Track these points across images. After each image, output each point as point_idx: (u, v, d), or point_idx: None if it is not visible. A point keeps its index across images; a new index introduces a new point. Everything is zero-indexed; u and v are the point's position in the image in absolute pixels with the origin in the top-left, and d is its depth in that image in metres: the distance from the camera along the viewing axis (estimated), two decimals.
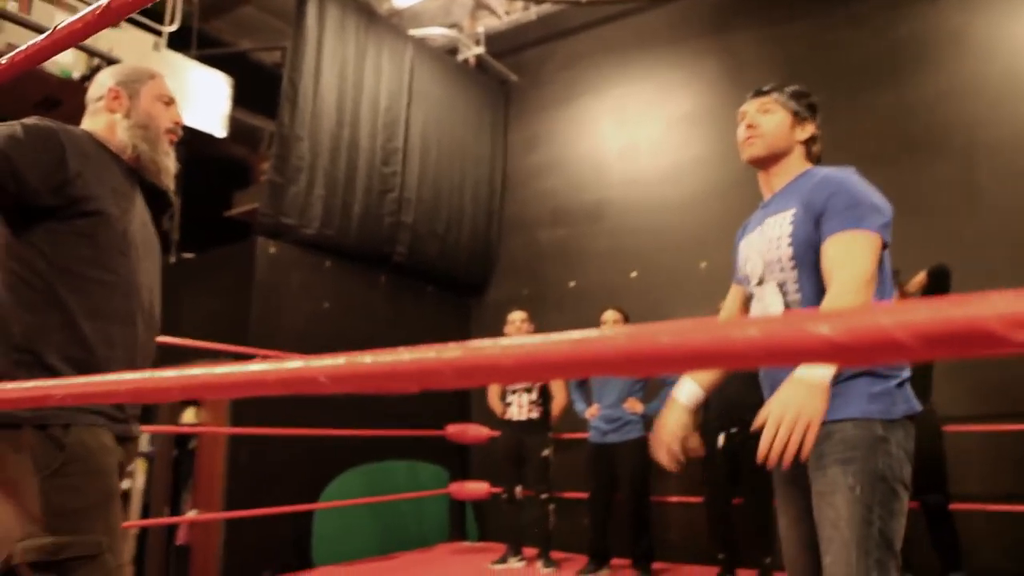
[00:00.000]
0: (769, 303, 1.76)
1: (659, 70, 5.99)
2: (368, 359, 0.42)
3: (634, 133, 6.02)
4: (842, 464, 1.56)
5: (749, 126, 1.82)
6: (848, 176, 1.69)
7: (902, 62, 4.91)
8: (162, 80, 1.84)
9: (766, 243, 1.76)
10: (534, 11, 6.60)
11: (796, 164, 1.81)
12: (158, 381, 0.51)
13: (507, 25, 6.79)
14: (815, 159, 1.84)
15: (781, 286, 1.73)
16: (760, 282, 1.79)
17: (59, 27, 0.93)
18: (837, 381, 1.58)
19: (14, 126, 1.52)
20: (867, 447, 1.55)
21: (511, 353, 0.39)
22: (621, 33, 6.24)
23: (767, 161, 1.82)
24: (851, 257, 1.57)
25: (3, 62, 0.94)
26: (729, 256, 2.02)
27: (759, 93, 1.86)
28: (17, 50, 0.96)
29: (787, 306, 1.72)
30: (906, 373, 1.66)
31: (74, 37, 0.96)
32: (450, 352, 0.41)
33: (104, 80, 1.78)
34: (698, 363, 0.38)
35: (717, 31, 5.75)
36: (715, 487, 4.19)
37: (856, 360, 0.36)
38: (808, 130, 1.82)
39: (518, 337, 0.41)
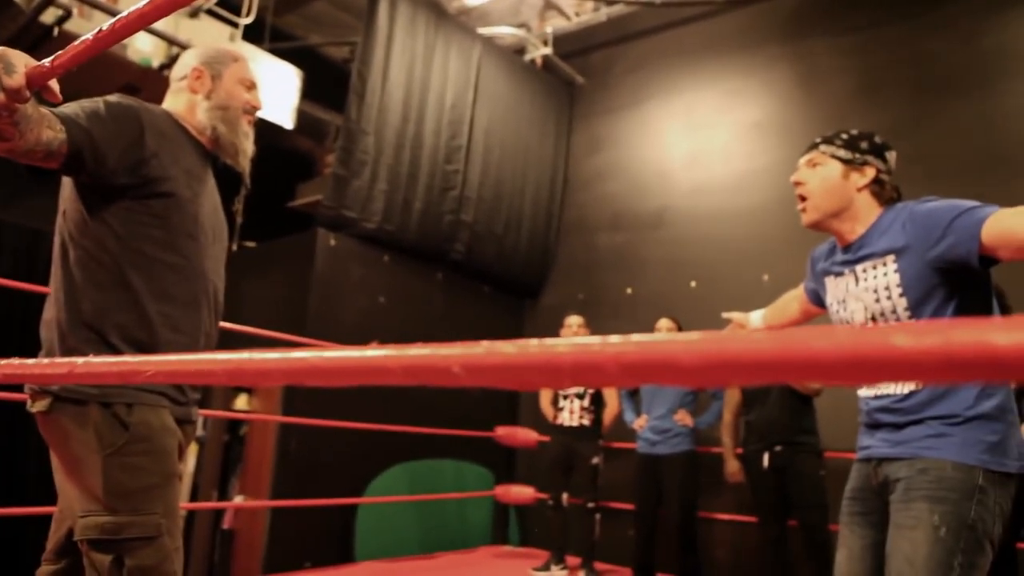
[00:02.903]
0: None
1: (729, 76, 5.83)
2: (511, 348, 0.36)
3: (700, 140, 5.87)
4: (931, 501, 1.47)
5: (796, 183, 1.76)
6: (934, 201, 1.58)
7: (990, 73, 4.66)
8: (245, 63, 1.82)
9: (868, 293, 1.65)
10: (604, 12, 6.50)
11: (866, 212, 1.69)
12: (259, 363, 0.46)
13: (576, 26, 6.70)
14: (887, 200, 1.71)
15: None
16: None
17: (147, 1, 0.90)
18: (954, 423, 1.51)
19: (97, 102, 1.51)
20: (963, 492, 1.46)
21: (696, 350, 0.32)
22: (692, 37, 6.09)
23: (826, 223, 1.73)
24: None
25: (106, 27, 0.91)
26: (792, 269, 1.95)
27: (811, 147, 1.77)
28: (115, 19, 0.93)
29: None
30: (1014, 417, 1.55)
31: (160, 11, 0.93)
32: (616, 346, 0.34)
33: (188, 60, 1.77)
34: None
35: (792, 37, 5.56)
36: (766, 509, 4.04)
37: None
38: (868, 174, 1.69)
39: (702, 333, 0.34)
